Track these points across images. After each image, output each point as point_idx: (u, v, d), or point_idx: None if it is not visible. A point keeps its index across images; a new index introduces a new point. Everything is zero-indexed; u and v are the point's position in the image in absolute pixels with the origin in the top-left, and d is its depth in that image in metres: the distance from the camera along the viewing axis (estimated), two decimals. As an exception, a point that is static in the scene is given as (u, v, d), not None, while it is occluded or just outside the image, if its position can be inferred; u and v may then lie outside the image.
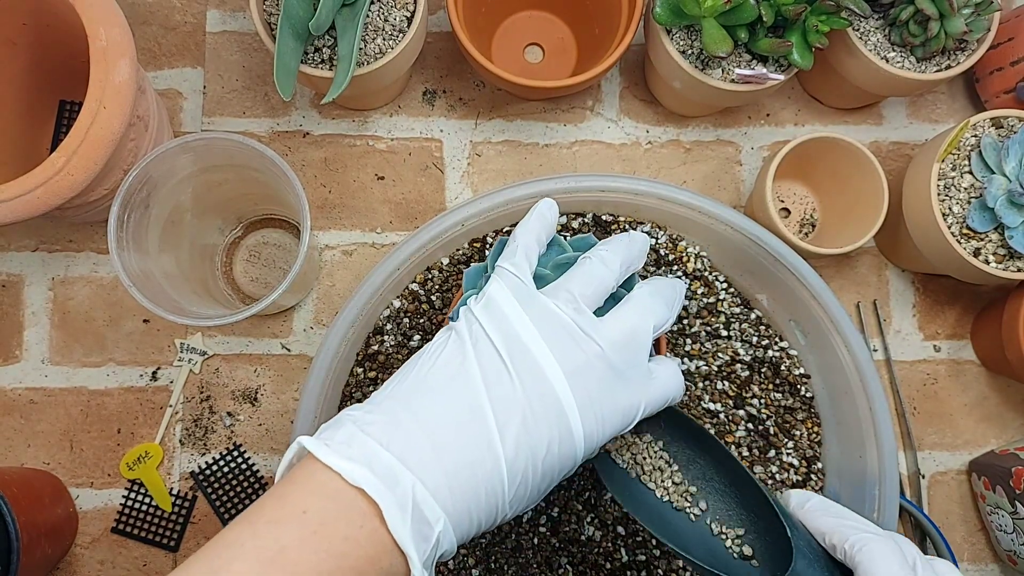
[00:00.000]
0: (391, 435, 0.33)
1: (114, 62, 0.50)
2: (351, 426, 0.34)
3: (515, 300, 0.38)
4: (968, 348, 0.67)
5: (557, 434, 0.35)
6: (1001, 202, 0.55)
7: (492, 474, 0.34)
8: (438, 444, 0.33)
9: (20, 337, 0.65)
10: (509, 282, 0.39)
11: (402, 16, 0.59)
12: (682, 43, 0.59)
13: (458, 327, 0.37)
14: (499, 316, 0.37)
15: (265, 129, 0.68)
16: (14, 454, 0.63)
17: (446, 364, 0.36)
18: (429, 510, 0.32)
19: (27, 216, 0.50)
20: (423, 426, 0.34)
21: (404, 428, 0.34)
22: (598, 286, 0.39)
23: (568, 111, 0.69)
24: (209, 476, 0.63)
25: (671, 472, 0.45)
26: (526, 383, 0.35)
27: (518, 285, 0.39)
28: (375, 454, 0.32)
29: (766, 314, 0.62)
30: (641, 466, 0.45)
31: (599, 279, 0.40)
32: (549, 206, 0.43)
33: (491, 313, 0.37)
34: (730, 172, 0.69)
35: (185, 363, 0.64)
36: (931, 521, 0.62)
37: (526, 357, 0.36)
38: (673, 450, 0.46)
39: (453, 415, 0.34)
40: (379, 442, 0.33)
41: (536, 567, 0.56)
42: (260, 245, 0.67)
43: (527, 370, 0.35)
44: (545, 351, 0.36)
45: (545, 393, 0.35)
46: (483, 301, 0.38)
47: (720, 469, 0.45)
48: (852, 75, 0.61)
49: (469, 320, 0.38)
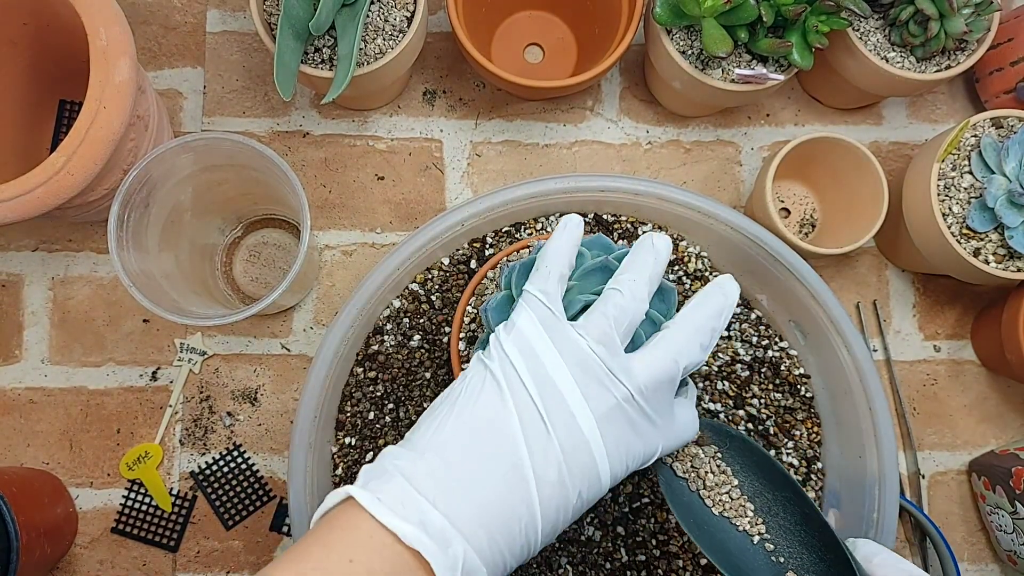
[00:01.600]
0: (439, 494, 0.34)
1: (114, 62, 0.50)
2: (401, 480, 0.34)
3: (547, 336, 0.37)
4: (968, 348, 0.67)
5: (587, 482, 0.36)
6: (1001, 202, 0.55)
7: (528, 527, 0.35)
8: (482, 504, 0.34)
9: (20, 337, 0.65)
10: (539, 312, 0.38)
11: (402, 16, 0.59)
12: (682, 43, 0.59)
13: (493, 368, 0.37)
14: (530, 355, 0.37)
15: (265, 129, 0.68)
16: (14, 454, 0.63)
17: (485, 414, 0.36)
18: (474, 567, 0.33)
19: (27, 216, 0.50)
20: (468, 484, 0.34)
21: (450, 487, 0.34)
22: (630, 321, 0.39)
23: (568, 111, 0.69)
24: (209, 476, 0.63)
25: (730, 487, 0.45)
26: (560, 434, 0.36)
27: (547, 316, 0.38)
28: (427, 516, 0.33)
29: (766, 314, 0.62)
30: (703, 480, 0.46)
31: (631, 314, 0.39)
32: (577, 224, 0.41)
33: (523, 351, 0.37)
34: (730, 172, 0.69)
35: (185, 363, 0.64)
36: (931, 521, 0.62)
37: (560, 404, 0.36)
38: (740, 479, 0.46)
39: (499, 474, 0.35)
40: (430, 501, 0.33)
41: (536, 567, 0.56)
42: (260, 245, 0.67)
43: (561, 419, 0.36)
44: (577, 396, 0.36)
45: (578, 442, 0.36)
46: (513, 334, 0.38)
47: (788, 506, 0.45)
48: (852, 75, 0.61)
49: (502, 359, 0.37)
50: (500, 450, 0.35)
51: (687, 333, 0.40)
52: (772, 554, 0.44)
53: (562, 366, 0.37)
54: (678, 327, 0.40)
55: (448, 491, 0.34)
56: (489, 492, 0.34)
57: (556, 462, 0.35)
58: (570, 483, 0.36)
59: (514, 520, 0.34)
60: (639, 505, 0.57)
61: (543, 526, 0.35)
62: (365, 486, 0.34)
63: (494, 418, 0.36)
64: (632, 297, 0.39)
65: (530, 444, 0.35)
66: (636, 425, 0.38)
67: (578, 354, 0.37)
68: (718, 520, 0.45)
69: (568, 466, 0.36)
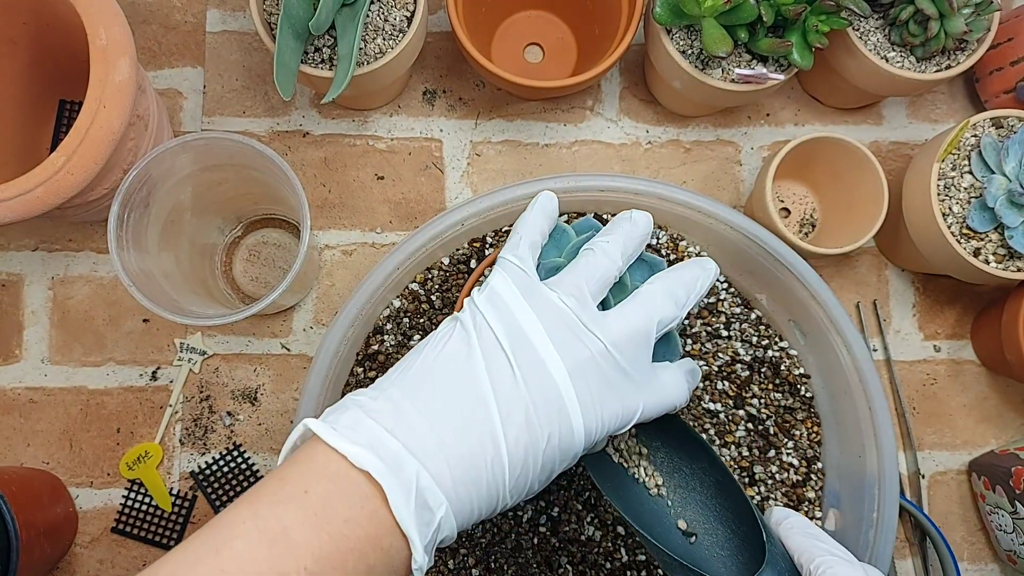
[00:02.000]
0: (396, 422, 0.34)
1: (114, 61, 0.50)
2: (357, 410, 0.34)
3: (518, 292, 0.38)
4: (968, 348, 0.67)
5: (558, 428, 0.36)
6: (1001, 202, 0.55)
7: (494, 465, 0.34)
8: (443, 433, 0.34)
9: (20, 336, 0.65)
10: (512, 273, 0.39)
11: (402, 16, 0.59)
12: (682, 43, 0.59)
13: (463, 317, 0.38)
14: (503, 308, 0.37)
15: (265, 129, 0.68)
16: (13, 453, 0.63)
17: (452, 355, 0.36)
18: (432, 496, 0.33)
19: (27, 216, 0.50)
20: (428, 415, 0.34)
21: (409, 416, 0.34)
22: (601, 277, 0.39)
23: (568, 111, 0.69)
24: (209, 476, 0.63)
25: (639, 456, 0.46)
26: (528, 377, 0.35)
27: (521, 277, 0.39)
28: (380, 439, 0.33)
29: (766, 314, 0.62)
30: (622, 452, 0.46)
31: (602, 270, 0.40)
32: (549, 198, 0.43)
33: (495, 305, 0.37)
34: (730, 172, 0.69)
35: (185, 363, 0.64)
36: (931, 521, 0.62)
37: (529, 351, 0.36)
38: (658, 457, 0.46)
39: (458, 406, 0.34)
40: (385, 428, 0.33)
41: (536, 567, 0.56)
42: (260, 245, 0.67)
43: (530, 364, 0.36)
44: (548, 345, 0.36)
45: (547, 388, 0.35)
46: (486, 292, 0.38)
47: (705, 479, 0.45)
48: (852, 75, 0.61)
49: (473, 311, 0.38)
50: (463, 387, 0.35)
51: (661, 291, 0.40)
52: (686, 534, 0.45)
53: (534, 318, 0.37)
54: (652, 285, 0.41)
55: (404, 419, 0.34)
56: (448, 421, 0.34)
57: (523, 404, 0.35)
58: (539, 426, 0.35)
59: (478, 453, 0.34)
60: (639, 505, 0.57)
61: (510, 465, 0.34)
62: (324, 418, 0.35)
63: (461, 363, 0.36)
64: (604, 254, 0.40)
65: (495, 384, 0.35)
66: (611, 379, 0.37)
67: (549, 307, 0.37)
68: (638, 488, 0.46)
69: (536, 409, 0.35)
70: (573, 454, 0.37)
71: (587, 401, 0.36)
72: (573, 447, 0.36)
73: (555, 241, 0.44)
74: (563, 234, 0.44)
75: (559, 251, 0.43)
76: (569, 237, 0.44)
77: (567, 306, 0.37)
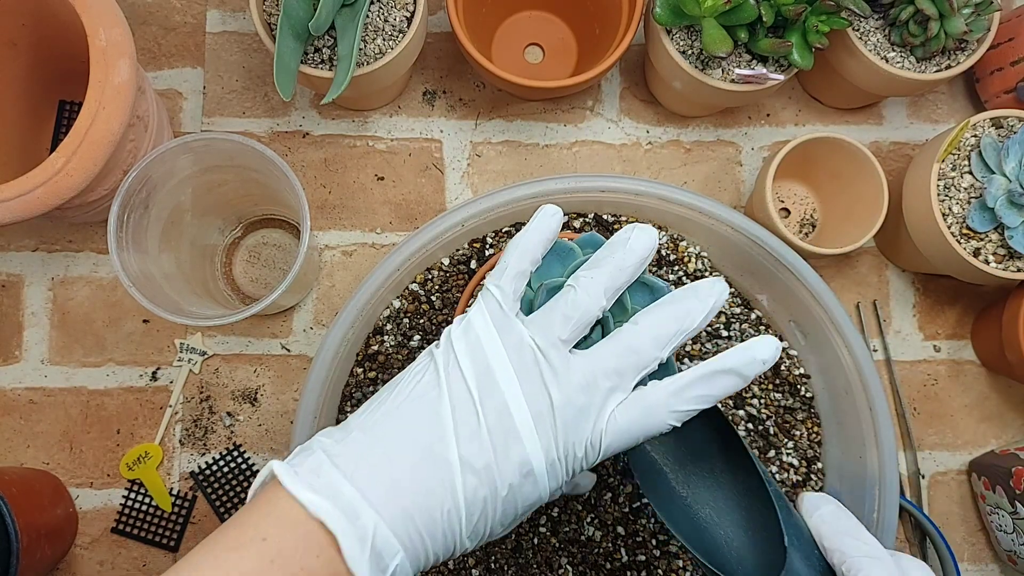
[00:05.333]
0: (357, 467, 0.34)
1: (114, 62, 0.50)
2: (321, 455, 0.34)
3: (493, 328, 0.37)
4: (968, 348, 0.67)
5: (519, 477, 0.35)
6: (1001, 202, 0.55)
7: (451, 514, 0.34)
8: (400, 481, 0.34)
9: (20, 337, 0.65)
10: (490, 307, 0.38)
11: (402, 16, 0.59)
12: (682, 43, 0.59)
13: (437, 355, 0.37)
14: (475, 345, 0.37)
15: (265, 129, 0.68)
16: (14, 454, 0.63)
17: (419, 396, 0.36)
18: (386, 546, 0.33)
19: (27, 216, 0.50)
20: (388, 461, 0.34)
21: (370, 461, 0.34)
22: (580, 318, 0.38)
23: (568, 111, 0.69)
24: (209, 476, 0.63)
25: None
26: (492, 425, 0.35)
27: (497, 312, 0.38)
28: (339, 488, 0.33)
29: (766, 314, 0.62)
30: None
31: (582, 310, 0.38)
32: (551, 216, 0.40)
33: (468, 340, 0.37)
34: (730, 172, 0.69)
35: (185, 363, 0.64)
36: (931, 521, 0.62)
37: (496, 395, 0.36)
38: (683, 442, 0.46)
39: (419, 454, 0.34)
40: (345, 474, 0.33)
41: (536, 567, 0.56)
42: (260, 245, 0.67)
43: (494, 410, 0.35)
44: (515, 390, 0.36)
45: (510, 435, 0.35)
46: (463, 325, 0.38)
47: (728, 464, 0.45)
48: (852, 75, 0.61)
49: (447, 349, 0.37)
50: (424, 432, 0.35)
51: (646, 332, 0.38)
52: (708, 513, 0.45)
53: (503, 358, 0.36)
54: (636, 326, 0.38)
55: (365, 466, 0.34)
56: (406, 469, 0.34)
57: (485, 450, 0.35)
58: (498, 475, 0.35)
59: (434, 502, 0.34)
60: (639, 505, 0.57)
61: (467, 514, 0.34)
62: (290, 461, 0.35)
63: (426, 401, 0.36)
64: (585, 292, 0.38)
65: (459, 430, 0.35)
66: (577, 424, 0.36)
67: (522, 348, 0.37)
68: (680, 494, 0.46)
69: (496, 456, 0.35)
70: (537, 498, 0.37)
71: (551, 448, 0.36)
72: (536, 493, 0.36)
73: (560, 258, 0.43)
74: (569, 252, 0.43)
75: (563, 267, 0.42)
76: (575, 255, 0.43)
77: (537, 349, 0.37)
